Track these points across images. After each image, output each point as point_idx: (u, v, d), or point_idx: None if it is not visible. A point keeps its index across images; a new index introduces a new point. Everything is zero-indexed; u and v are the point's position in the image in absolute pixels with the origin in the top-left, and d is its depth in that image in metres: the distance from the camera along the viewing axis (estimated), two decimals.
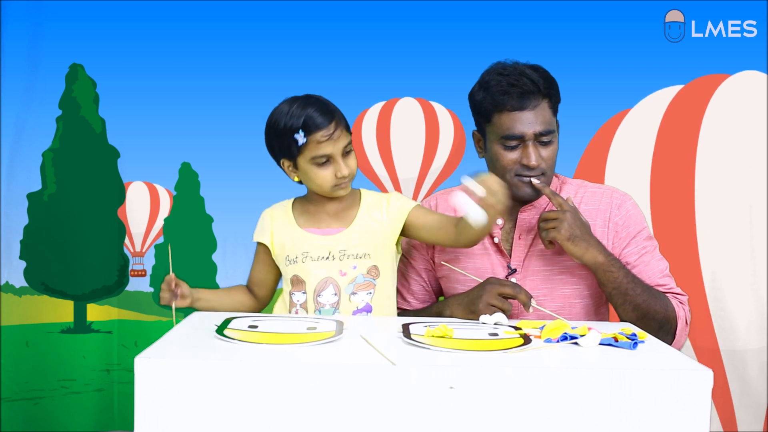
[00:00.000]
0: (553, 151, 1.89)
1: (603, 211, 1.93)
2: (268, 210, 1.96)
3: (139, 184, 3.08)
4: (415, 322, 1.61)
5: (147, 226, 3.05)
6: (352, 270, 1.85)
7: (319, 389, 1.26)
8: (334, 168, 1.82)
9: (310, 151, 1.80)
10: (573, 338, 1.47)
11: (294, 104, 1.83)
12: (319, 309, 1.85)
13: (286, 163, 1.87)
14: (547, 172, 1.89)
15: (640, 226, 1.92)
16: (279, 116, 1.83)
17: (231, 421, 1.26)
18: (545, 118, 1.86)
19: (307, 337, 1.45)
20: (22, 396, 3.07)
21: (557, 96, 1.91)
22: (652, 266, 1.88)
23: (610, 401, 1.26)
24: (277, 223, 1.92)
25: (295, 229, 1.89)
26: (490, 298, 1.73)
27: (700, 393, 1.27)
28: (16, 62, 3.03)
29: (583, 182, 2.01)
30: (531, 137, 1.85)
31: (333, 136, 1.80)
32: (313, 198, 1.91)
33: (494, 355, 1.37)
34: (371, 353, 1.36)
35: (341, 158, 1.82)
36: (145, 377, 1.27)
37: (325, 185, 1.84)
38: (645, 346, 1.48)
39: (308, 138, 1.79)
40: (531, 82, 1.84)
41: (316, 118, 1.79)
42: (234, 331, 1.47)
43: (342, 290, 1.85)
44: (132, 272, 3.08)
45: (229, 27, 3.05)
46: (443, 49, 3.07)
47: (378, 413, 1.26)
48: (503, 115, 1.85)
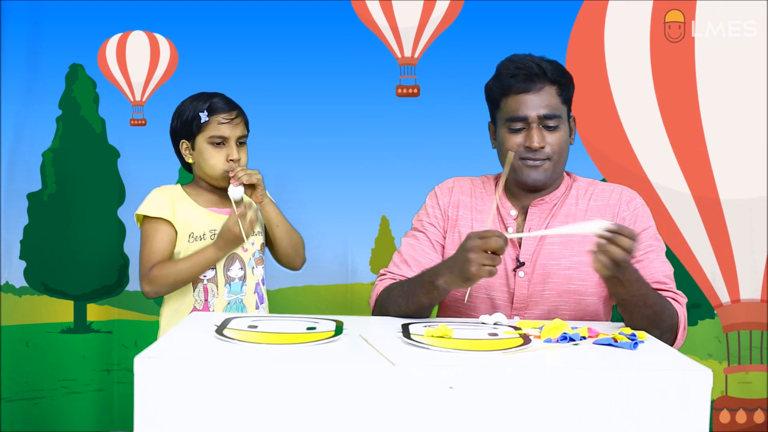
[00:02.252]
0: (561, 138, 1.90)
1: (612, 206, 1.94)
2: (159, 190, 2.09)
3: (138, 33, 3.05)
4: (414, 323, 1.61)
5: (147, 75, 3.00)
6: (251, 246, 2.10)
7: (318, 389, 1.26)
8: (227, 151, 2.04)
9: (209, 131, 2.04)
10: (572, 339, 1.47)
11: (202, 93, 2.09)
12: (229, 283, 2.05)
13: (185, 144, 2.08)
14: (552, 157, 1.90)
15: (646, 225, 1.93)
16: (188, 101, 2.08)
17: (231, 421, 1.26)
18: (551, 102, 1.88)
19: (306, 337, 1.45)
20: (22, 396, 3.06)
21: (568, 87, 1.93)
22: (655, 265, 1.88)
23: (610, 401, 1.26)
24: (178, 203, 2.05)
25: (198, 208, 2.07)
26: (480, 259, 1.64)
27: (699, 393, 1.27)
28: (16, 62, 3.02)
29: (594, 180, 2.04)
30: (535, 120, 1.87)
31: (233, 121, 2.05)
32: (202, 186, 2.11)
33: (494, 355, 1.37)
34: (371, 353, 1.36)
35: (235, 145, 2.05)
36: (145, 377, 1.27)
37: (217, 167, 2.05)
38: (645, 346, 1.48)
39: (210, 117, 2.03)
40: (537, 67, 1.88)
41: (220, 102, 2.06)
42: (233, 331, 1.47)
43: (246, 264, 2.08)
44: (132, 121, 3.05)
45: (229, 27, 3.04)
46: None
47: (378, 413, 1.26)
48: (509, 99, 1.90)
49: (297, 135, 3.05)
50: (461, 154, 2.90)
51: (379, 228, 3.12)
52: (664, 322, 1.76)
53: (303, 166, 3.02)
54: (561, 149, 1.91)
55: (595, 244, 1.59)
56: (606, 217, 1.92)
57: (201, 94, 2.09)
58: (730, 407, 3.06)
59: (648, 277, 1.83)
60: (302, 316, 1.72)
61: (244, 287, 2.08)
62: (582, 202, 1.97)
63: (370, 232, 3.12)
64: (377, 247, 3.13)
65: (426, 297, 1.79)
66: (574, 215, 1.95)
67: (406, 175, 3.04)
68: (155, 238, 2.02)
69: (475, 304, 1.95)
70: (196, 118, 2.04)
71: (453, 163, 2.68)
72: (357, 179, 3.07)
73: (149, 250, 2.03)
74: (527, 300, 1.91)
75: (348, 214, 3.10)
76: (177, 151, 2.13)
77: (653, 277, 1.85)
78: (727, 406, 3.06)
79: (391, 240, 3.12)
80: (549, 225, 1.94)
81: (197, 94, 2.11)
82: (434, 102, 3.05)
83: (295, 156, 3.00)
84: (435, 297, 1.80)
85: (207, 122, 2.04)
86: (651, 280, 1.84)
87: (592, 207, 1.95)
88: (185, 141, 2.08)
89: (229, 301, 2.04)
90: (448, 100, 3.02)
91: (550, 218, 1.96)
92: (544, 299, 1.90)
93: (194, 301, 2.04)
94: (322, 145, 3.06)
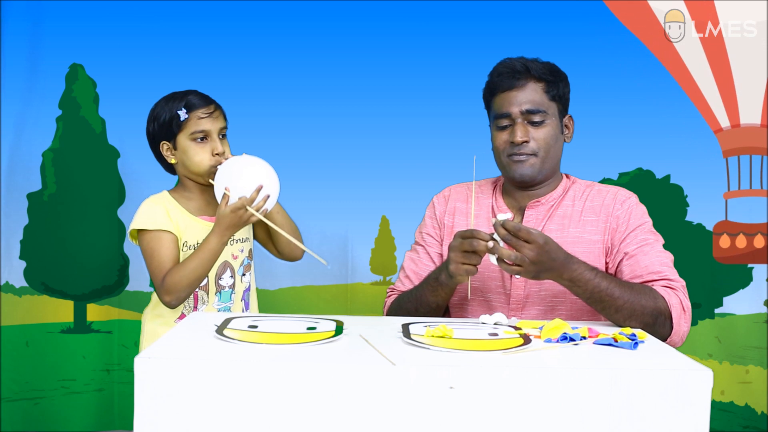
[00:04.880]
0: (547, 134, 1.92)
1: (606, 206, 1.95)
2: (153, 199, 2.05)
3: None
4: (414, 322, 1.61)
5: None
6: (240, 253, 2.08)
7: (318, 389, 1.26)
8: (211, 146, 2.00)
9: (190, 127, 2.00)
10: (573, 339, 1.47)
11: (174, 93, 2.05)
12: (219, 291, 2.03)
13: (165, 145, 2.04)
14: (539, 152, 1.93)
15: (641, 221, 1.93)
16: (162, 102, 2.05)
17: (231, 421, 1.26)
18: (534, 98, 1.92)
19: (306, 337, 1.45)
20: (22, 396, 3.06)
21: (557, 84, 1.95)
22: (650, 256, 1.88)
23: (610, 401, 1.26)
24: (172, 211, 2.01)
25: (190, 217, 2.03)
26: (458, 258, 1.73)
27: (700, 393, 1.27)
28: (16, 62, 3.02)
29: (593, 182, 2.05)
30: (518, 115, 1.91)
31: (213, 115, 2.02)
32: (189, 186, 2.07)
33: (494, 355, 1.37)
34: (371, 353, 1.36)
35: (218, 138, 2.02)
36: (145, 377, 1.27)
37: (203, 164, 2.01)
38: (645, 346, 1.48)
39: (190, 114, 2.00)
40: (521, 65, 1.92)
41: (196, 98, 2.02)
42: (233, 331, 1.47)
43: (236, 272, 2.06)
44: None
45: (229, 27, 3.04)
46: None
47: (378, 413, 1.26)
48: (497, 98, 1.95)
49: (297, 135, 3.05)
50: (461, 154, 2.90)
51: (379, 228, 3.13)
52: (645, 309, 1.75)
53: (303, 166, 3.01)
54: (548, 144, 1.93)
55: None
56: (601, 217, 1.93)
57: (174, 94, 2.06)
58: (731, 231, 3.04)
59: (640, 270, 1.85)
60: (302, 316, 1.73)
61: (233, 295, 2.07)
62: (578, 204, 1.97)
63: (370, 232, 3.12)
64: (377, 247, 3.13)
65: (433, 296, 1.85)
66: (570, 216, 1.95)
67: (406, 175, 3.05)
68: (161, 248, 1.97)
69: (473, 306, 1.96)
70: (175, 117, 2.01)
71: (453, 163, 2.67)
72: (357, 179, 3.07)
73: (158, 262, 1.96)
74: (524, 301, 1.91)
75: (348, 214, 3.10)
76: (157, 155, 2.09)
77: (646, 269, 1.86)
78: (727, 231, 3.05)
79: (391, 240, 3.12)
80: (546, 226, 1.95)
81: (169, 94, 2.07)
82: (434, 102, 3.05)
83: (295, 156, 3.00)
84: (441, 295, 1.85)
85: (187, 119, 2.01)
86: (644, 272, 1.85)
87: (588, 208, 1.96)
88: (165, 142, 2.04)
89: (218, 309, 2.03)
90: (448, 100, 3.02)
91: (546, 220, 1.96)
92: (541, 299, 1.91)
93: (183, 308, 2.02)
94: (322, 145, 3.06)
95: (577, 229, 1.93)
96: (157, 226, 1.98)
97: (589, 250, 1.90)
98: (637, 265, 1.85)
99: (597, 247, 1.91)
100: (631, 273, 1.86)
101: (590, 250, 1.90)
